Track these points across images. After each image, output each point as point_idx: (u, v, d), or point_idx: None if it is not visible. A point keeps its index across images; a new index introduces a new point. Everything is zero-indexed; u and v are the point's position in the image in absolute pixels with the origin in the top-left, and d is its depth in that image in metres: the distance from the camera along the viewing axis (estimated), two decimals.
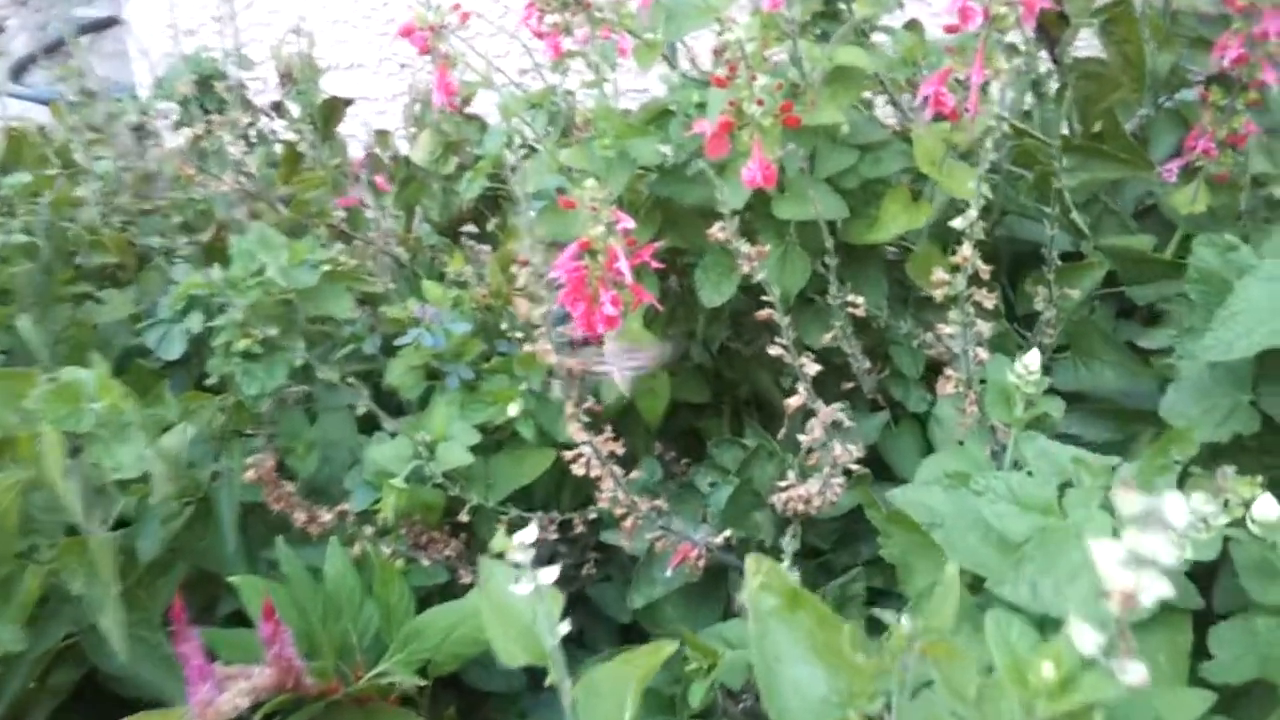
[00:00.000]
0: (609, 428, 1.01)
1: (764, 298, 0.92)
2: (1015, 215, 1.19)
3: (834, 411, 0.92)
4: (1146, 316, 1.21)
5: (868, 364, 1.05)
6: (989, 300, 0.81)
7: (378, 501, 1.05)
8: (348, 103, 1.71)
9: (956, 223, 0.78)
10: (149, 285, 1.44)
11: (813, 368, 0.85)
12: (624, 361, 1.02)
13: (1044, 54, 1.27)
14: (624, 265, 0.95)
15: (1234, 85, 1.10)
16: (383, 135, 1.69)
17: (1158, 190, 1.25)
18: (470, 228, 1.62)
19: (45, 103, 2.91)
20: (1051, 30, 1.21)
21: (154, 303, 1.35)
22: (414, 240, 1.51)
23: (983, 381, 0.87)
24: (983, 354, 0.84)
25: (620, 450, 0.89)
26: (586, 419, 0.87)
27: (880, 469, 1.11)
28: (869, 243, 1.02)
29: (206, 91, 1.65)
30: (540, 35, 1.22)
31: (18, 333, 1.32)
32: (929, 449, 1.11)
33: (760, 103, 0.85)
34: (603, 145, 1.01)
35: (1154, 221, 1.27)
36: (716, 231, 0.80)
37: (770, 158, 0.89)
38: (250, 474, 0.98)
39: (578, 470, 0.88)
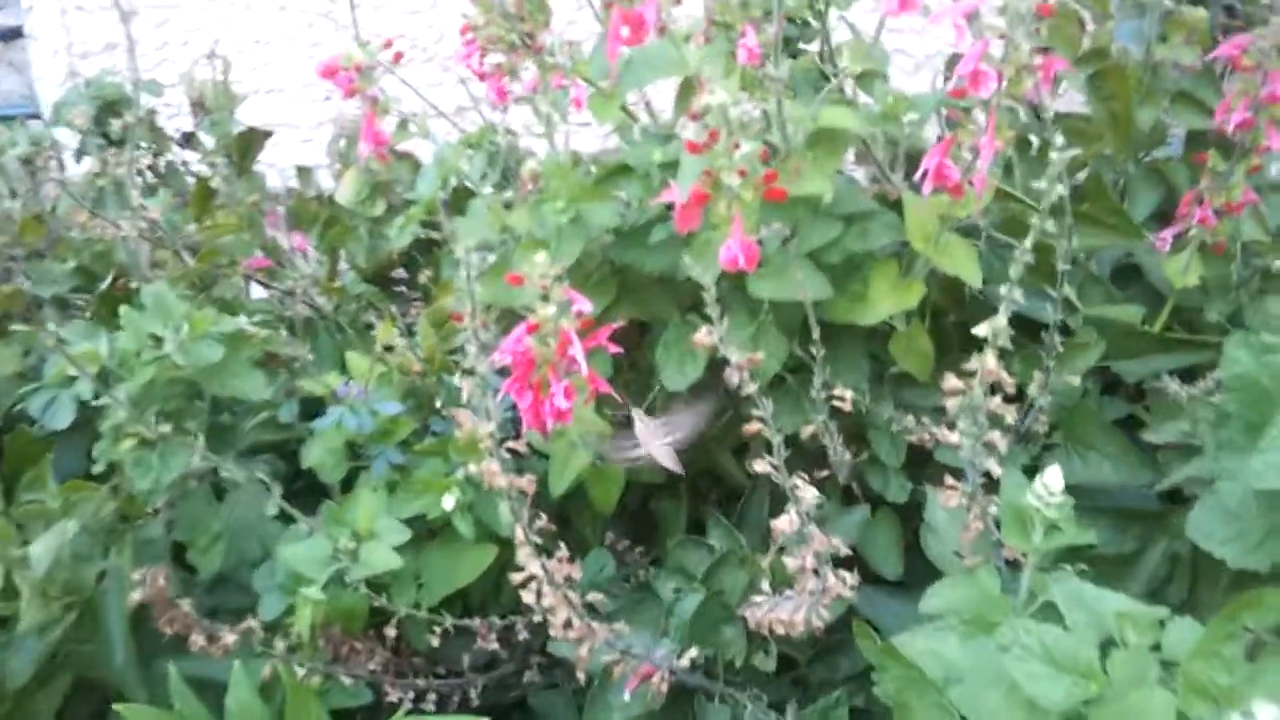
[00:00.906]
0: (557, 521, 0.88)
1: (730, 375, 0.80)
2: (993, 286, 1.07)
3: (811, 503, 0.80)
4: (1132, 393, 1.11)
5: (847, 455, 0.93)
6: (1009, 413, 0.69)
7: (291, 610, 0.89)
8: (266, 134, 1.55)
9: (981, 330, 0.66)
10: (38, 339, 1.27)
11: (802, 485, 0.72)
12: (659, 438, 0.90)
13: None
14: (579, 353, 0.81)
15: (1234, 150, 1.00)
16: (304, 172, 1.53)
17: (1140, 254, 1.15)
18: (400, 273, 1.48)
19: None
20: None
21: (42, 359, 1.19)
22: (338, 289, 1.35)
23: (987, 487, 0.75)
24: (994, 468, 0.72)
25: (577, 574, 0.75)
26: (536, 538, 0.73)
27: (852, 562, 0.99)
28: (850, 322, 0.90)
29: (109, 119, 1.48)
30: (482, 76, 1.08)
31: None
32: (909, 544, 0.99)
33: (743, 173, 0.73)
34: (555, 209, 0.88)
35: (1137, 288, 1.16)
36: (704, 337, 0.67)
37: (751, 234, 0.77)
38: (137, 595, 0.82)
39: (526, 597, 0.74)
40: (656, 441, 0.90)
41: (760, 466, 0.75)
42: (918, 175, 0.77)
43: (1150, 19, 1.19)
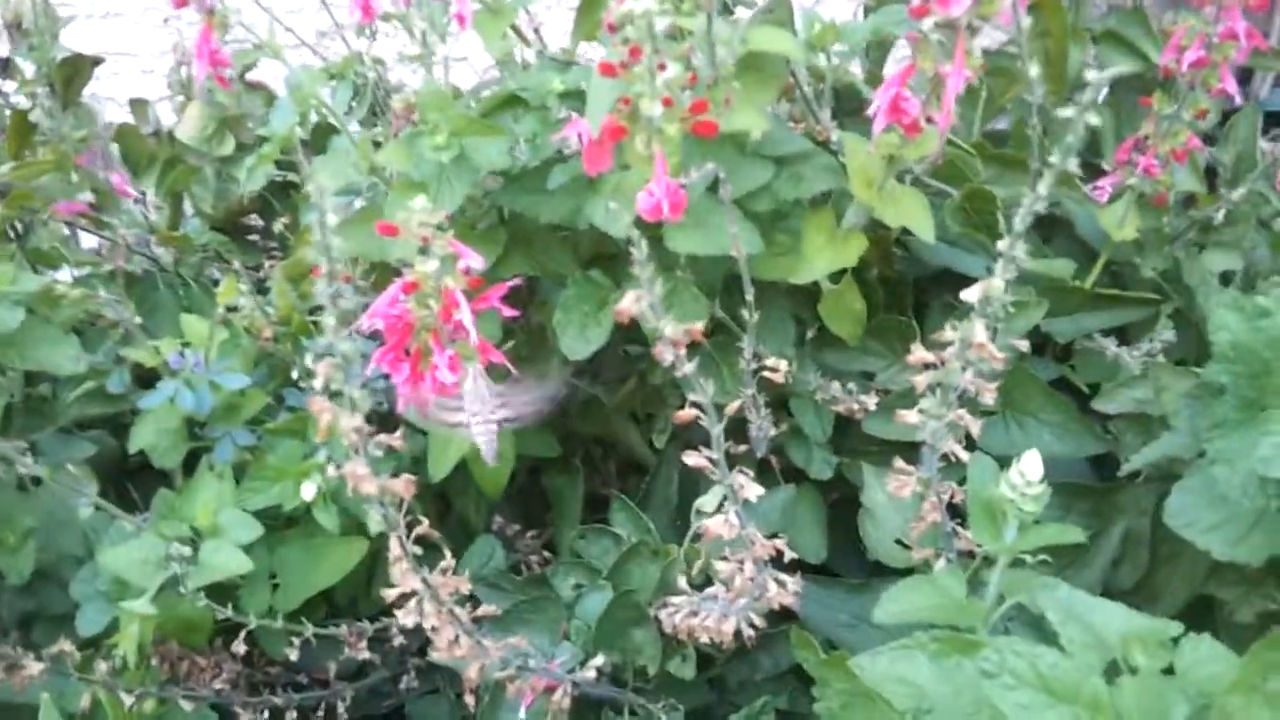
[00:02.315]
0: (436, 503, 0.74)
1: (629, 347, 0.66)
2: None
3: (742, 487, 0.67)
4: (1059, 353, 1.02)
5: (770, 428, 0.80)
6: (988, 394, 0.57)
7: (117, 625, 0.73)
8: (96, 61, 1.33)
9: (971, 294, 0.53)
10: None
11: (746, 483, 0.59)
12: (488, 412, 0.71)
13: None
14: (466, 317, 0.66)
15: (1182, 93, 0.91)
16: (139, 104, 1.32)
17: (1068, 204, 1.05)
18: (254, 220, 1.30)
19: None
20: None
21: None
22: (180, 238, 1.17)
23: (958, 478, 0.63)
24: (960, 452, 0.60)
25: (465, 587, 0.61)
26: (417, 551, 0.58)
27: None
28: (776, 279, 0.77)
29: None
30: None
31: None
32: (834, 525, 0.88)
33: (668, 102, 0.59)
34: (434, 144, 0.72)
35: (1063, 241, 1.07)
36: (630, 304, 0.52)
37: (676, 176, 0.63)
38: None
39: (405, 620, 0.59)
40: (483, 416, 0.70)
41: (693, 460, 0.62)
42: (871, 110, 0.64)
43: None
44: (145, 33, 1.77)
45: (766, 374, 0.70)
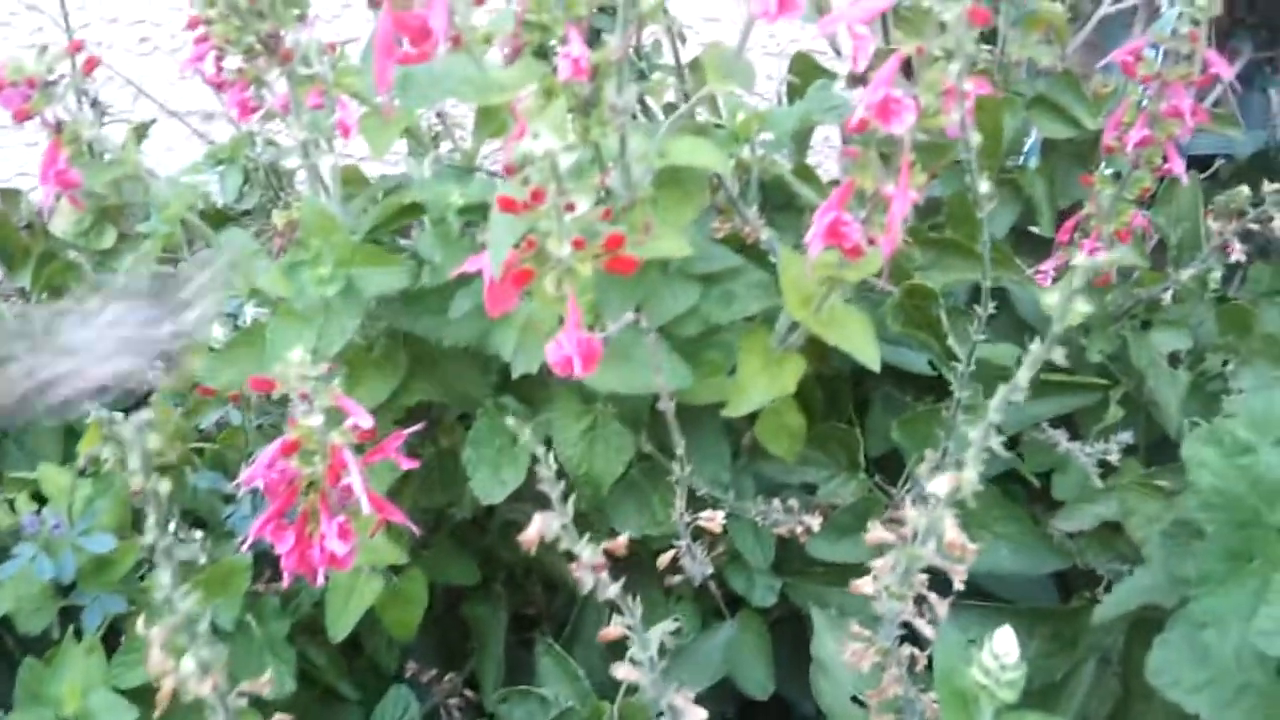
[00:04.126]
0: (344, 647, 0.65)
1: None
2: None
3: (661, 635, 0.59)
4: (1007, 444, 0.96)
5: (708, 565, 0.72)
6: (958, 575, 0.50)
7: None
8: None
9: (939, 486, 0.46)
10: None
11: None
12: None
13: None
14: (357, 482, 0.57)
15: (1126, 172, 0.85)
16: (11, 195, 1.20)
17: (1007, 283, 1.00)
18: None
19: None
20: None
21: None
22: None
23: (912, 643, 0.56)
24: (927, 630, 0.53)
25: None
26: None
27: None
28: (707, 402, 0.69)
29: None
30: (220, 85, 0.82)
31: None
32: (778, 659, 0.80)
33: (580, 244, 0.50)
34: (318, 277, 0.63)
35: (1001, 323, 1.01)
36: (539, 529, 0.44)
37: (587, 316, 0.55)
38: None
39: None
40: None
41: (614, 632, 0.54)
42: (807, 237, 0.57)
43: (1005, 15, 1.03)
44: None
45: (704, 524, 0.62)
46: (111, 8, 1.69)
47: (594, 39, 0.71)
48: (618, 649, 0.81)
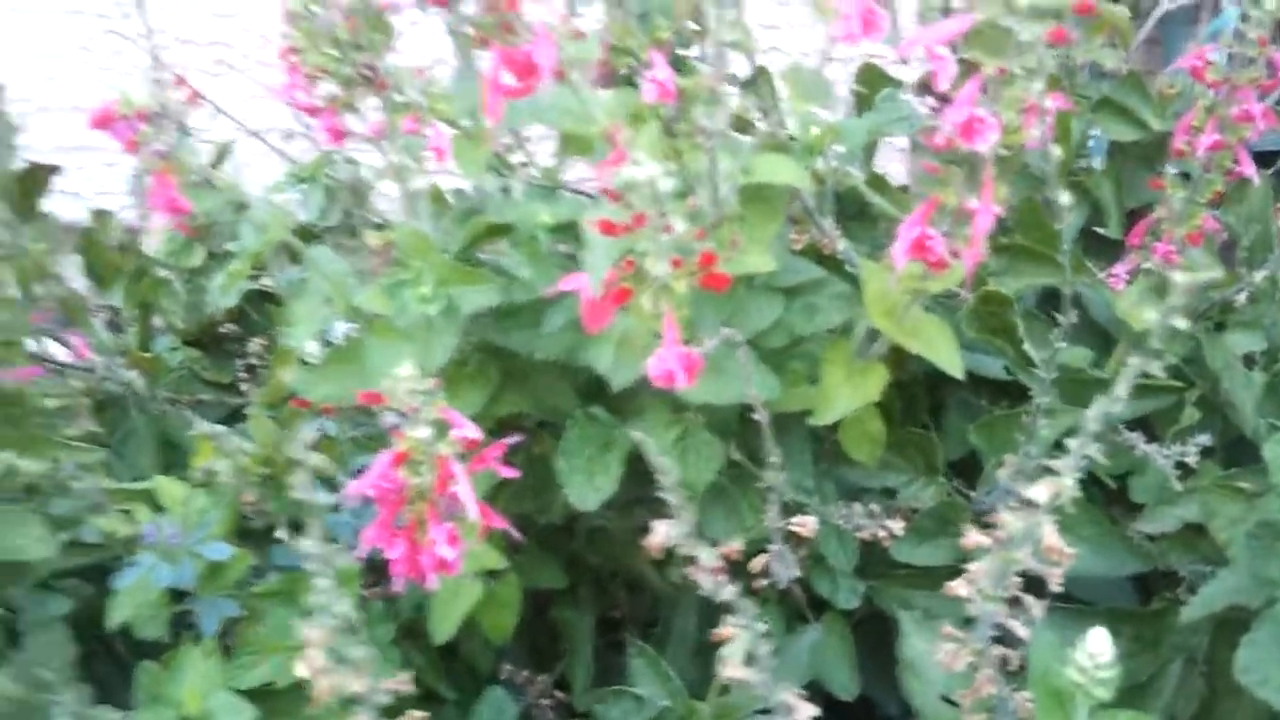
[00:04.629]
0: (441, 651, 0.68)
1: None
2: None
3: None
4: None
5: (796, 569, 0.74)
6: (1054, 578, 0.51)
7: None
8: (52, 170, 1.27)
9: (1038, 492, 0.48)
10: None
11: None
12: None
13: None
14: (465, 490, 0.60)
15: (1197, 176, 0.86)
16: (103, 216, 1.25)
17: (1083, 290, 1.00)
18: (229, 330, 1.23)
19: None
20: None
21: None
22: (152, 361, 1.10)
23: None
24: (1021, 631, 0.55)
25: None
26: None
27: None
28: (793, 410, 0.71)
29: None
30: (312, 111, 0.85)
31: None
32: (863, 658, 0.82)
33: (678, 263, 0.53)
34: (420, 296, 0.66)
35: (1076, 327, 1.02)
36: (662, 537, 0.46)
37: (685, 332, 0.57)
38: None
39: None
40: None
41: (726, 633, 0.56)
42: (893, 250, 0.59)
43: (1070, 18, 1.04)
44: None
45: (796, 528, 0.64)
46: (186, 29, 1.74)
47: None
48: (705, 651, 0.83)
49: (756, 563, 0.69)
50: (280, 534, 0.79)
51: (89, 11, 1.75)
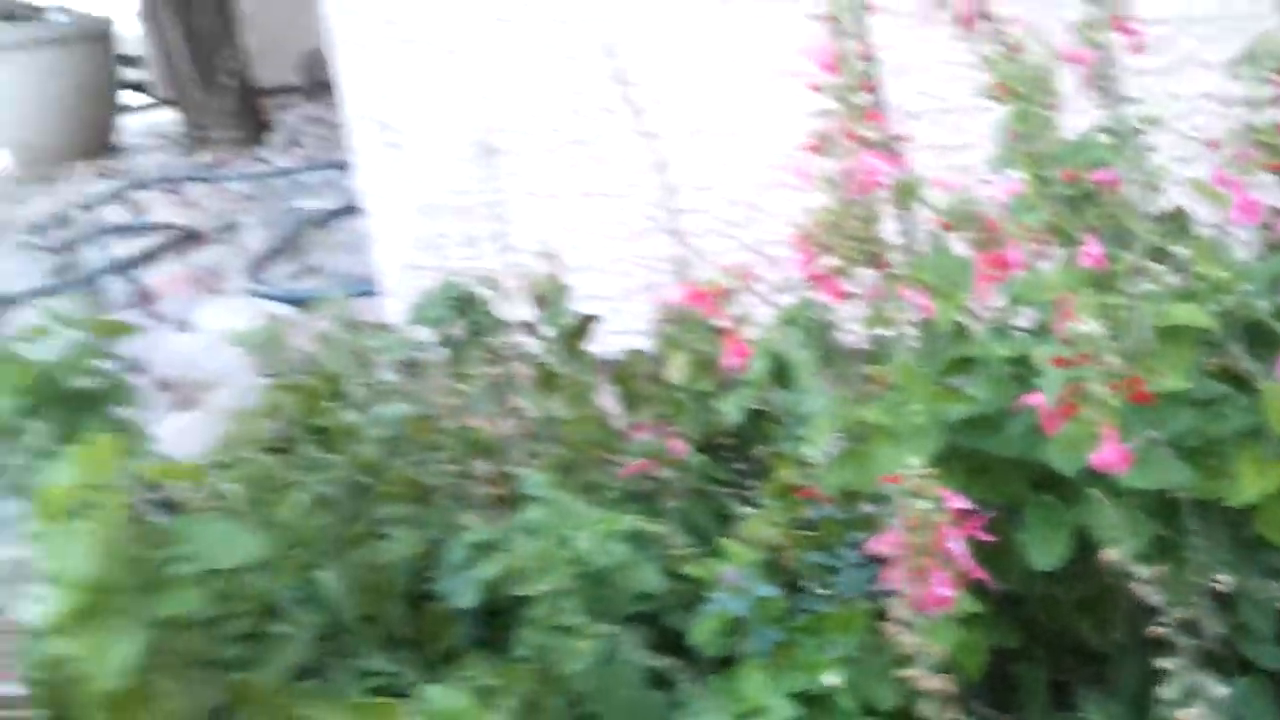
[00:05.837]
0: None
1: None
2: None
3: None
4: None
5: (1219, 626, 0.94)
6: None
7: None
8: (593, 319, 1.71)
9: None
10: (434, 521, 1.44)
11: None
12: None
13: None
14: (958, 548, 0.87)
15: None
16: (637, 354, 1.67)
17: None
18: (727, 439, 1.58)
19: (288, 302, 3.05)
20: None
21: (441, 540, 1.36)
22: (681, 463, 1.47)
23: None
24: None
25: None
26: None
27: None
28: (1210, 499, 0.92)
29: (462, 316, 1.68)
30: (816, 278, 1.18)
31: (316, 583, 1.34)
32: None
33: (1115, 387, 0.78)
34: (916, 413, 0.95)
35: None
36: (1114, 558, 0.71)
37: (1119, 435, 0.81)
38: None
39: None
40: None
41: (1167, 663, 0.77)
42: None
43: None
44: (611, 280, 2.15)
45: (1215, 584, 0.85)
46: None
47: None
48: (1143, 703, 1.02)
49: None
50: (804, 583, 1.10)
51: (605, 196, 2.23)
